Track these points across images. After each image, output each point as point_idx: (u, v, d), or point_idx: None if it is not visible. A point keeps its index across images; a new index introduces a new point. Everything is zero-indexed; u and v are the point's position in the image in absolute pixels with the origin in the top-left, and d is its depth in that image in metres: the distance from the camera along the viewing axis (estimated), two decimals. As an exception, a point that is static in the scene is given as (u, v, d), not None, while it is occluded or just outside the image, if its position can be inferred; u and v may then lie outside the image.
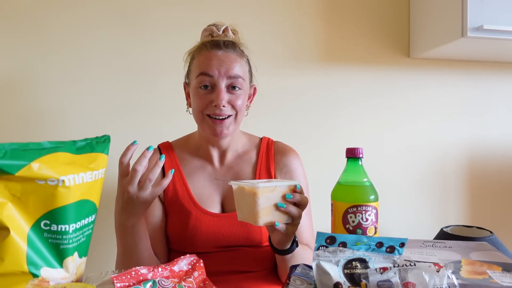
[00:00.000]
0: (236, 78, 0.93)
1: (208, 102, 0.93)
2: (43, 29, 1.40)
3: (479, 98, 1.74)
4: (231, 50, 0.95)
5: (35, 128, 1.40)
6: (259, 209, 0.71)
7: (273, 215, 0.73)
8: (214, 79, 0.92)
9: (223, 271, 0.94)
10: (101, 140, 0.62)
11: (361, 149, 0.76)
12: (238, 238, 0.94)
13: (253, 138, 1.09)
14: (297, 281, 0.64)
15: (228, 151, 1.02)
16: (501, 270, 0.65)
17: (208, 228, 0.94)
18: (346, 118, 1.62)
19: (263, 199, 0.71)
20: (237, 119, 0.96)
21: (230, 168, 1.02)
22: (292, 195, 0.74)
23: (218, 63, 0.92)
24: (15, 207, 0.52)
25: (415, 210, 1.69)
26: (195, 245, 0.94)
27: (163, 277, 0.57)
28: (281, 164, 1.03)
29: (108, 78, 1.44)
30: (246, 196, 0.73)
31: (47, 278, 0.54)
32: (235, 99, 0.93)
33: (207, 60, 0.93)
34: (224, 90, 0.92)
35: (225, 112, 0.92)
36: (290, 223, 0.76)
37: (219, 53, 0.93)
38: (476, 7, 1.34)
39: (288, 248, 0.82)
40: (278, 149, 1.05)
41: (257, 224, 0.72)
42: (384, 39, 1.65)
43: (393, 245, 0.61)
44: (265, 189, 0.71)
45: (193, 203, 0.96)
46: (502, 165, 1.75)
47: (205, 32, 1.01)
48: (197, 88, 0.94)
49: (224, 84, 0.92)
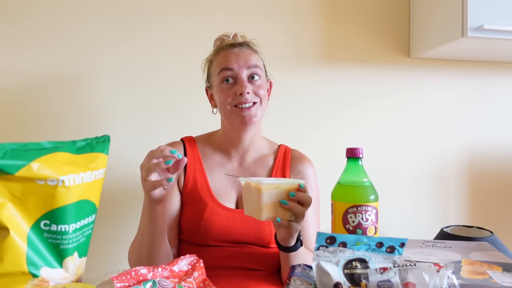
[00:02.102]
0: (254, 67, 1.00)
1: (232, 94, 0.98)
2: (44, 30, 1.40)
3: (479, 98, 1.74)
4: (245, 47, 1.03)
5: (35, 128, 1.40)
6: (262, 205, 0.74)
7: (276, 211, 0.76)
8: (235, 71, 0.99)
9: (229, 265, 0.96)
10: (101, 140, 0.62)
11: (361, 149, 0.76)
12: (249, 236, 0.97)
13: (272, 144, 1.13)
14: (297, 281, 0.64)
15: (248, 153, 1.06)
16: (501, 270, 0.65)
17: (222, 222, 0.96)
18: (346, 118, 1.62)
19: (266, 195, 0.74)
20: (262, 106, 1.01)
21: (247, 169, 1.06)
22: (296, 193, 0.76)
23: (236, 58, 1.00)
24: (15, 207, 0.52)
25: (415, 210, 1.69)
26: (207, 237, 0.96)
27: (163, 277, 0.57)
28: (296, 170, 1.07)
29: (109, 78, 1.44)
30: (252, 192, 0.76)
31: (47, 278, 0.54)
32: (257, 88, 1.00)
33: (226, 58, 1.00)
34: (246, 79, 0.99)
35: (250, 99, 0.98)
36: (293, 220, 0.78)
37: (235, 50, 1.01)
38: (476, 7, 1.34)
39: (292, 246, 0.84)
40: (294, 156, 1.10)
41: (260, 219, 0.75)
42: (384, 39, 1.65)
43: (393, 245, 0.61)
44: (269, 186, 0.74)
45: (210, 196, 1.00)
46: (502, 165, 1.75)
47: (217, 41, 1.10)
48: (220, 84, 1.00)
49: (245, 74, 0.99)
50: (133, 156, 1.44)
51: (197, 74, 1.14)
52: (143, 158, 0.82)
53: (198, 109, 1.46)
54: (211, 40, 1.13)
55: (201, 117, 1.45)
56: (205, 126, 1.19)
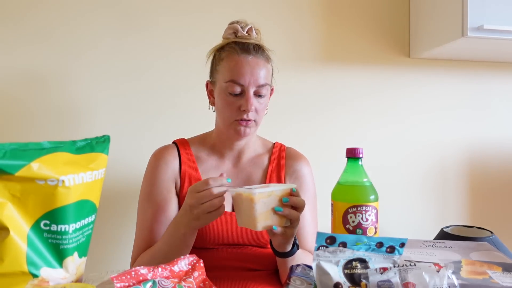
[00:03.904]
0: (263, 86, 0.96)
1: (236, 108, 0.95)
2: (45, 30, 1.40)
3: (479, 98, 1.74)
4: (260, 56, 0.97)
5: (35, 128, 1.40)
6: (256, 215, 0.72)
7: (272, 219, 0.74)
8: (245, 87, 0.94)
9: (227, 266, 0.95)
10: (101, 140, 0.62)
11: (361, 149, 0.76)
12: (247, 237, 0.96)
13: (266, 143, 1.11)
14: (297, 281, 0.64)
15: (243, 154, 1.05)
16: (501, 270, 0.65)
17: (219, 225, 0.95)
18: (346, 118, 1.62)
19: (260, 204, 0.72)
20: (257, 124, 0.99)
21: (242, 170, 1.04)
22: (289, 198, 0.76)
23: (250, 71, 0.93)
24: (15, 207, 0.52)
25: (415, 210, 1.69)
26: (205, 241, 0.95)
27: (163, 277, 0.57)
28: (292, 169, 1.05)
29: (109, 78, 1.44)
30: (244, 202, 0.74)
31: (47, 278, 0.54)
32: (259, 106, 0.97)
33: (238, 67, 0.94)
34: (252, 97, 0.95)
35: (251, 116, 0.95)
36: (289, 226, 0.77)
37: (250, 59, 0.94)
38: (476, 7, 1.34)
39: (289, 251, 0.84)
40: (289, 155, 1.08)
41: (256, 229, 0.73)
42: (384, 39, 1.65)
43: (393, 245, 0.61)
44: (262, 195, 0.73)
45: None
46: (502, 165, 1.75)
47: (229, 30, 1.01)
48: (226, 94, 0.96)
49: (253, 91, 0.95)
50: (133, 156, 1.45)
51: (195, 74, 1.14)
52: (143, 158, 0.82)
53: (198, 108, 1.46)
54: (211, 40, 1.13)
55: (201, 117, 1.45)
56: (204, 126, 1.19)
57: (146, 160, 1.06)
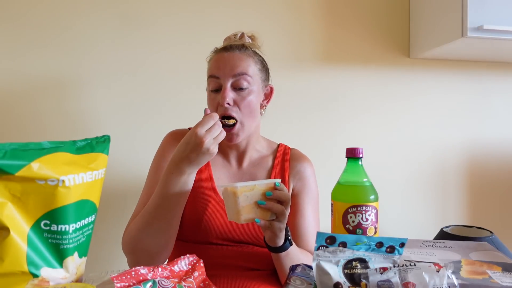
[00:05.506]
0: (241, 75, 0.93)
1: (216, 104, 0.95)
2: (44, 30, 1.40)
3: (479, 98, 1.74)
4: (237, 50, 0.97)
5: (35, 128, 1.40)
6: (239, 208, 0.75)
7: (255, 212, 0.77)
8: (220, 80, 0.94)
9: (228, 265, 0.95)
10: (101, 140, 0.62)
11: (361, 149, 0.76)
12: (249, 236, 0.97)
13: (271, 144, 1.12)
14: (297, 281, 0.64)
15: (246, 154, 1.05)
16: (501, 270, 0.66)
17: (224, 219, 0.96)
18: (346, 118, 1.62)
19: (242, 197, 0.75)
20: (244, 127, 0.96)
21: (246, 171, 1.04)
22: (272, 192, 0.77)
23: (223, 64, 0.94)
24: (15, 207, 0.52)
25: (415, 210, 1.69)
26: (209, 234, 0.95)
27: (163, 277, 0.57)
28: (295, 170, 1.05)
29: (109, 79, 1.44)
30: (229, 196, 0.77)
31: (47, 278, 0.54)
32: (241, 100, 0.94)
33: (214, 63, 0.97)
34: (228, 89, 0.93)
35: (230, 111, 0.93)
36: (275, 220, 0.79)
37: (225, 54, 0.96)
38: (476, 7, 1.34)
39: (280, 246, 0.84)
40: (294, 156, 1.08)
41: (240, 222, 0.76)
42: (384, 39, 1.65)
43: (393, 245, 0.61)
44: (244, 188, 0.76)
45: (214, 192, 0.99)
46: (502, 165, 1.75)
47: (225, 41, 1.04)
48: (208, 92, 0.98)
49: (230, 83, 0.94)
50: (133, 156, 1.45)
51: (196, 73, 1.14)
52: (142, 158, 0.82)
53: (198, 109, 1.46)
54: (211, 40, 1.13)
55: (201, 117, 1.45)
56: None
57: (146, 160, 1.06)
